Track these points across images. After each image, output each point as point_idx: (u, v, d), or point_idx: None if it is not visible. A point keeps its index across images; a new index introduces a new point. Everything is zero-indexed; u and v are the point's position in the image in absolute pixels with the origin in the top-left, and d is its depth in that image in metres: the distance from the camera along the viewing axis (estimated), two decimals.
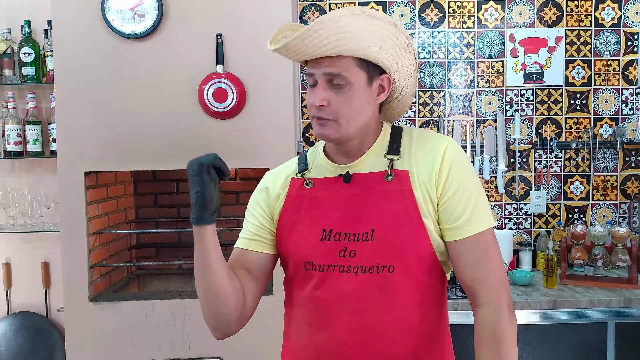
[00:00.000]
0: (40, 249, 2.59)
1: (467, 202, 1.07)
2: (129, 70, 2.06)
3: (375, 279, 1.06)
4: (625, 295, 2.18)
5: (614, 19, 2.68)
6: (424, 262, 1.08)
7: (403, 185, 1.07)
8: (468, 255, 1.07)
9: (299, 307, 1.15)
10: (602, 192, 2.73)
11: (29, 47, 2.43)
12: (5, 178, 2.58)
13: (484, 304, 1.07)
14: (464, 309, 2.14)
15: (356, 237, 1.07)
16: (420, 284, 1.08)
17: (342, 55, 1.03)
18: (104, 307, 2.09)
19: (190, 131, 2.06)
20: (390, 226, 1.06)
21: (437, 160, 1.07)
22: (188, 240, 2.62)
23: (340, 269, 1.08)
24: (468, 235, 1.07)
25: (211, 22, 2.05)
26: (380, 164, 1.11)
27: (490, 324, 1.05)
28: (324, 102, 1.05)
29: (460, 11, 2.68)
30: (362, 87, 1.06)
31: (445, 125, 2.70)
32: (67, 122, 2.07)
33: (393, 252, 1.06)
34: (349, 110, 1.05)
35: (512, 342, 1.04)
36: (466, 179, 1.09)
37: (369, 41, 1.02)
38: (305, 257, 1.11)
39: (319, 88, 1.05)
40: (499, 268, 1.08)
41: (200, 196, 1.04)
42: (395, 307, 1.06)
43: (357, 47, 1.02)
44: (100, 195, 2.25)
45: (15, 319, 2.57)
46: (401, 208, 1.06)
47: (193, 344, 2.09)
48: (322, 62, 1.04)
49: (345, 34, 1.00)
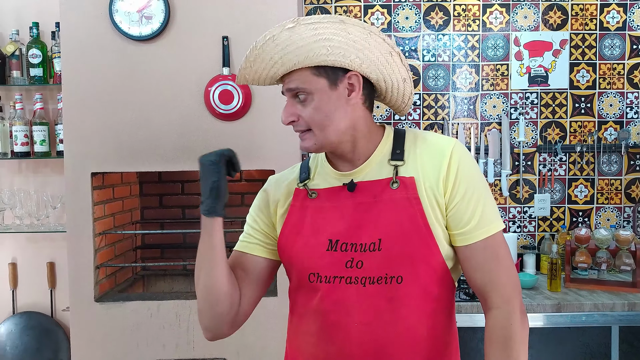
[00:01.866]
0: (46, 249, 2.61)
1: (476, 205, 1.05)
2: (135, 72, 2.07)
3: (384, 290, 1.04)
4: (630, 299, 2.18)
5: (619, 22, 2.68)
6: (434, 271, 1.06)
7: (409, 192, 1.05)
8: (479, 259, 1.05)
9: (304, 317, 1.12)
10: (607, 196, 2.73)
11: (36, 48, 2.45)
12: (12, 178, 2.60)
13: (496, 307, 1.05)
14: (468, 312, 2.14)
15: (363, 247, 1.05)
16: (430, 293, 1.06)
17: (297, 69, 1.04)
18: (109, 307, 2.10)
19: (196, 133, 2.08)
20: (397, 235, 1.04)
21: (443, 163, 1.05)
22: (193, 241, 2.63)
23: (347, 280, 1.05)
24: (478, 240, 1.05)
25: (218, 24, 2.06)
26: (384, 171, 1.09)
27: (502, 328, 1.03)
28: (293, 117, 1.06)
29: (465, 14, 2.69)
30: (326, 93, 1.05)
31: (450, 128, 2.70)
32: (74, 123, 2.09)
33: (401, 262, 1.03)
34: (318, 119, 1.05)
35: (523, 347, 1.03)
36: (474, 181, 1.06)
37: (314, 48, 1.01)
38: (310, 267, 1.08)
39: (287, 105, 1.07)
40: (510, 270, 1.07)
41: (216, 186, 1.05)
42: (405, 318, 1.04)
43: (304, 58, 1.02)
44: (106, 196, 2.26)
45: (20, 319, 2.58)
46: (408, 216, 1.04)
47: (197, 344, 2.10)
48: (284, 79, 1.07)
49: (286, 49, 1.02)
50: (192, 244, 2.62)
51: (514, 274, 1.08)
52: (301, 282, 1.11)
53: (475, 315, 2.14)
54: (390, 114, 2.72)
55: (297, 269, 1.11)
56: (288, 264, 1.14)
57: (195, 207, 2.64)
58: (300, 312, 1.14)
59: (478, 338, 2.18)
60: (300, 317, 1.14)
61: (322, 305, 1.07)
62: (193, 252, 2.95)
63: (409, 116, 2.71)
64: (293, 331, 1.17)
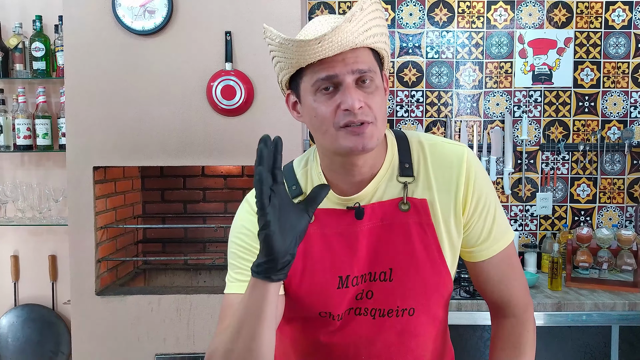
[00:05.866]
0: (47, 242, 2.62)
1: (492, 219, 0.99)
2: (138, 66, 2.07)
3: (395, 323, 0.97)
4: (630, 299, 2.17)
5: (624, 20, 2.67)
6: (442, 297, 1.00)
7: (422, 217, 0.95)
8: (495, 273, 1.01)
9: (306, 347, 1.04)
10: (609, 195, 2.72)
11: (39, 41, 2.45)
12: (14, 171, 2.61)
13: (512, 316, 1.04)
14: (468, 310, 2.14)
15: (372, 276, 0.96)
16: (437, 319, 1.02)
17: (364, 52, 0.89)
18: (110, 300, 2.11)
19: (198, 128, 2.08)
20: (409, 265, 0.95)
21: (460, 180, 0.96)
22: (194, 235, 2.64)
23: (356, 311, 0.97)
24: (494, 254, 1.00)
25: (220, 19, 2.06)
26: (392, 189, 0.97)
27: (517, 335, 1.03)
28: (362, 103, 0.87)
29: (469, 11, 2.68)
30: (381, 85, 0.92)
31: (453, 125, 2.70)
32: (76, 117, 2.09)
33: (414, 294, 0.96)
34: (383, 111, 0.91)
35: (532, 352, 1.03)
36: (488, 194, 0.99)
37: (385, 31, 0.91)
38: (320, 307, 0.97)
39: (350, 89, 0.87)
40: (523, 278, 1.05)
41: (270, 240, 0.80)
42: (414, 349, 1.00)
43: (382, 36, 0.90)
44: (108, 190, 2.27)
45: (22, 311, 2.60)
46: (421, 244, 0.95)
47: (197, 338, 2.10)
48: (346, 59, 0.86)
49: (374, 21, 0.88)
50: (193, 239, 2.65)
51: (525, 280, 1.06)
52: (308, 318, 1.00)
53: (475, 314, 2.14)
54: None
55: (306, 308, 0.99)
56: (295, 302, 0.99)
57: (197, 203, 2.65)
58: (301, 343, 1.05)
59: (477, 336, 2.18)
60: (300, 346, 1.05)
61: (331, 338, 1.00)
62: (194, 247, 2.97)
63: (412, 113, 2.70)
64: (285, 348, 1.08)
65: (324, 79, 0.87)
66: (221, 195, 2.65)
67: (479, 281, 1.04)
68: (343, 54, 0.86)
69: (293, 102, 0.98)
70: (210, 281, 2.56)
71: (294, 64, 0.89)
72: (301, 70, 0.90)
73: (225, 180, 2.65)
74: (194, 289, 2.21)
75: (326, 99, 0.88)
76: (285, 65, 0.90)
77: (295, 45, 0.85)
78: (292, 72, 0.92)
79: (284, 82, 0.96)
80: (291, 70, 0.91)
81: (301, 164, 1.03)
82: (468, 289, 2.23)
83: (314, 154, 1.03)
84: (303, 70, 0.90)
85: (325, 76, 0.87)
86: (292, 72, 0.92)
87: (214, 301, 2.10)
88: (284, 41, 0.86)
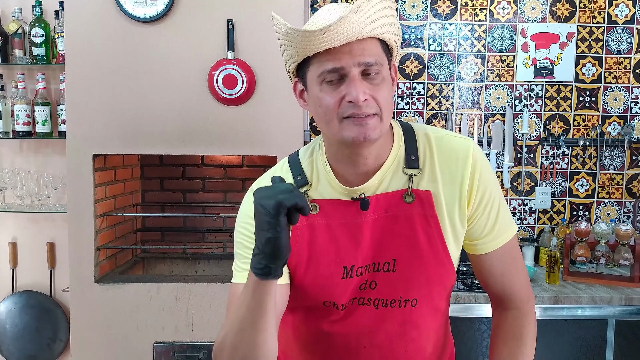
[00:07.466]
0: (46, 230, 2.62)
1: (496, 213, 1.00)
2: (139, 53, 2.06)
3: (397, 314, 0.98)
4: (627, 293, 2.19)
5: (627, 15, 2.66)
6: (445, 289, 1.02)
7: (426, 209, 0.96)
8: (498, 266, 1.03)
9: (308, 336, 1.05)
10: (608, 190, 2.73)
11: (39, 27, 2.43)
12: (13, 158, 2.60)
13: (514, 309, 1.05)
14: (466, 302, 2.15)
15: (376, 266, 0.97)
16: (439, 310, 1.03)
17: (368, 38, 0.88)
18: (109, 288, 2.11)
19: (199, 117, 2.07)
20: (413, 256, 0.96)
21: (465, 173, 0.96)
22: (193, 225, 2.64)
23: (359, 301, 0.98)
24: (498, 247, 1.01)
25: (223, 7, 2.04)
26: (397, 181, 0.97)
27: (518, 327, 1.04)
28: (367, 95, 0.87)
29: (472, 4, 2.66)
30: (388, 76, 0.93)
31: (453, 118, 2.70)
32: (76, 104, 2.08)
33: (417, 285, 0.97)
34: (389, 103, 0.91)
35: (533, 343, 1.04)
36: (493, 188, 1.00)
37: (395, 21, 0.91)
38: (325, 297, 0.99)
39: (355, 81, 0.87)
40: (524, 270, 1.06)
41: (273, 244, 0.80)
42: (415, 339, 1.01)
43: (391, 26, 0.89)
44: (107, 178, 2.26)
45: (20, 298, 2.60)
46: (425, 236, 0.96)
47: (196, 327, 2.11)
48: (353, 50, 0.87)
49: (382, 12, 0.88)
50: (192, 228, 2.65)
51: (527, 273, 1.07)
52: (311, 307, 1.02)
53: (473, 306, 2.15)
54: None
55: (310, 297, 1.00)
56: (299, 291, 1.01)
57: (196, 192, 2.64)
58: (303, 331, 1.06)
59: (474, 328, 2.19)
60: (303, 335, 1.06)
61: (333, 327, 1.01)
62: (193, 236, 2.96)
63: (413, 105, 2.70)
64: (290, 347, 1.10)
65: (329, 70, 0.88)
66: (221, 185, 2.65)
67: (481, 274, 1.06)
68: (350, 44, 0.87)
69: (300, 90, 0.99)
70: (209, 270, 2.56)
71: (300, 53, 0.90)
72: (308, 59, 0.91)
73: (225, 170, 2.65)
74: (193, 277, 2.21)
75: (332, 89, 0.89)
76: (292, 54, 0.91)
77: (300, 35, 0.86)
78: (299, 61, 0.93)
79: (292, 70, 0.97)
80: (298, 59, 0.92)
81: (307, 153, 1.04)
82: (465, 281, 2.24)
83: (319, 144, 1.03)
84: (310, 59, 0.91)
85: (331, 68, 0.88)
86: (298, 60, 0.93)
87: (213, 290, 2.10)
88: (290, 31, 0.87)
